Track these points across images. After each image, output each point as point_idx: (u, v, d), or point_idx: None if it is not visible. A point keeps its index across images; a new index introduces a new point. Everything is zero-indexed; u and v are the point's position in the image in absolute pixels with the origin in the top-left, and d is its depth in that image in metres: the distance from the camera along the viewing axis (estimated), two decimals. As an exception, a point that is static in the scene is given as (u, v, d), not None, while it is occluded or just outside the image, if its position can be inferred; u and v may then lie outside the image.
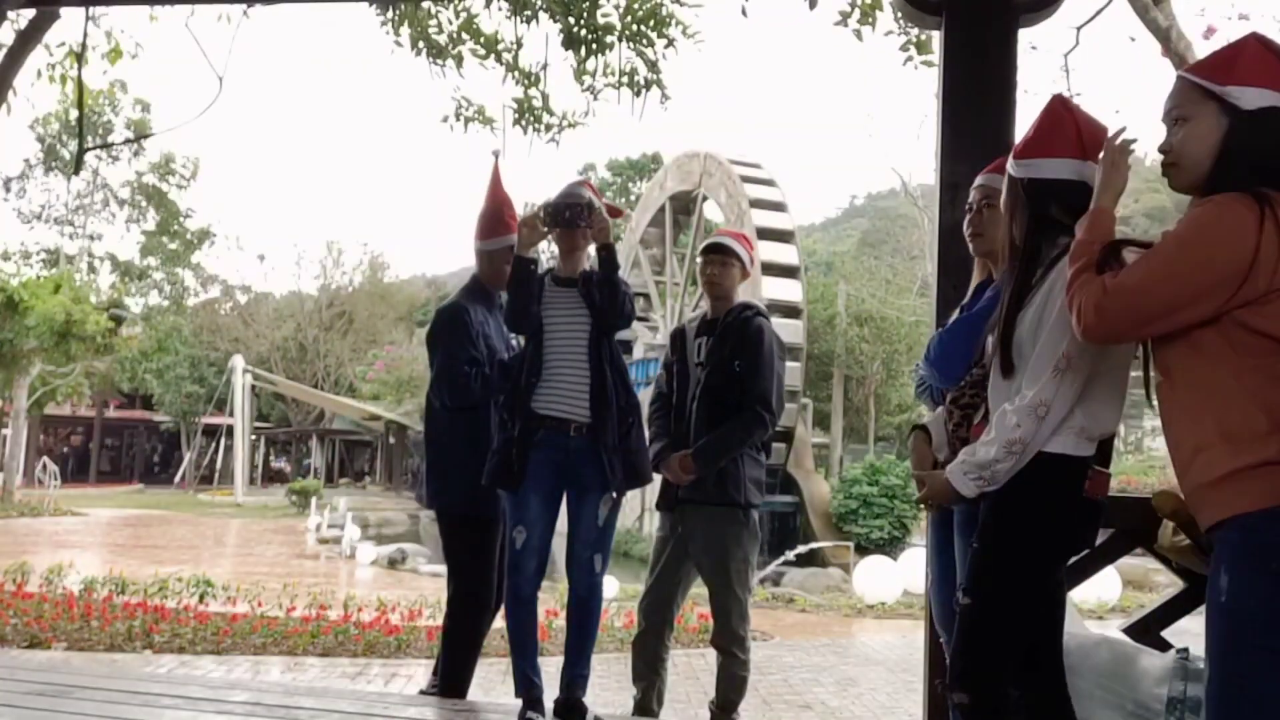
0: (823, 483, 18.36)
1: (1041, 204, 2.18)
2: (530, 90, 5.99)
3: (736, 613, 3.51)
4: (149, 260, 35.24)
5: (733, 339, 3.56)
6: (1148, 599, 9.37)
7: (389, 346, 37.22)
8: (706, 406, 3.52)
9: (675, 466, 3.51)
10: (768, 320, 3.66)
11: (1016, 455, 2.07)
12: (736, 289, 3.69)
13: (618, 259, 3.22)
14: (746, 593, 3.56)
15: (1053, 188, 2.18)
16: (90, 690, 3.59)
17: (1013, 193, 2.24)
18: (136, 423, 45.34)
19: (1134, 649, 2.72)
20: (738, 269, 3.66)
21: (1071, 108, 2.27)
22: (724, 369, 3.53)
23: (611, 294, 3.16)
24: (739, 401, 3.51)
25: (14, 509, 22.72)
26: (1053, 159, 2.18)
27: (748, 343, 3.53)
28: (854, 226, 59.56)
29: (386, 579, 13.54)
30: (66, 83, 6.87)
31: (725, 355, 3.54)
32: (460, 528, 3.56)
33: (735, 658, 3.53)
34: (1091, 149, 2.18)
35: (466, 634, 3.56)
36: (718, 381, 3.52)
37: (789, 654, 8.11)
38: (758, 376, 3.51)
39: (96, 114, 28.47)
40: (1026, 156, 2.22)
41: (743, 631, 3.54)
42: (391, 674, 6.72)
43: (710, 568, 3.55)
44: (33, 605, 8.21)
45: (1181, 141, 1.88)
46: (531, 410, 3.18)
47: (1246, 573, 1.71)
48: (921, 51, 5.40)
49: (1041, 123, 2.25)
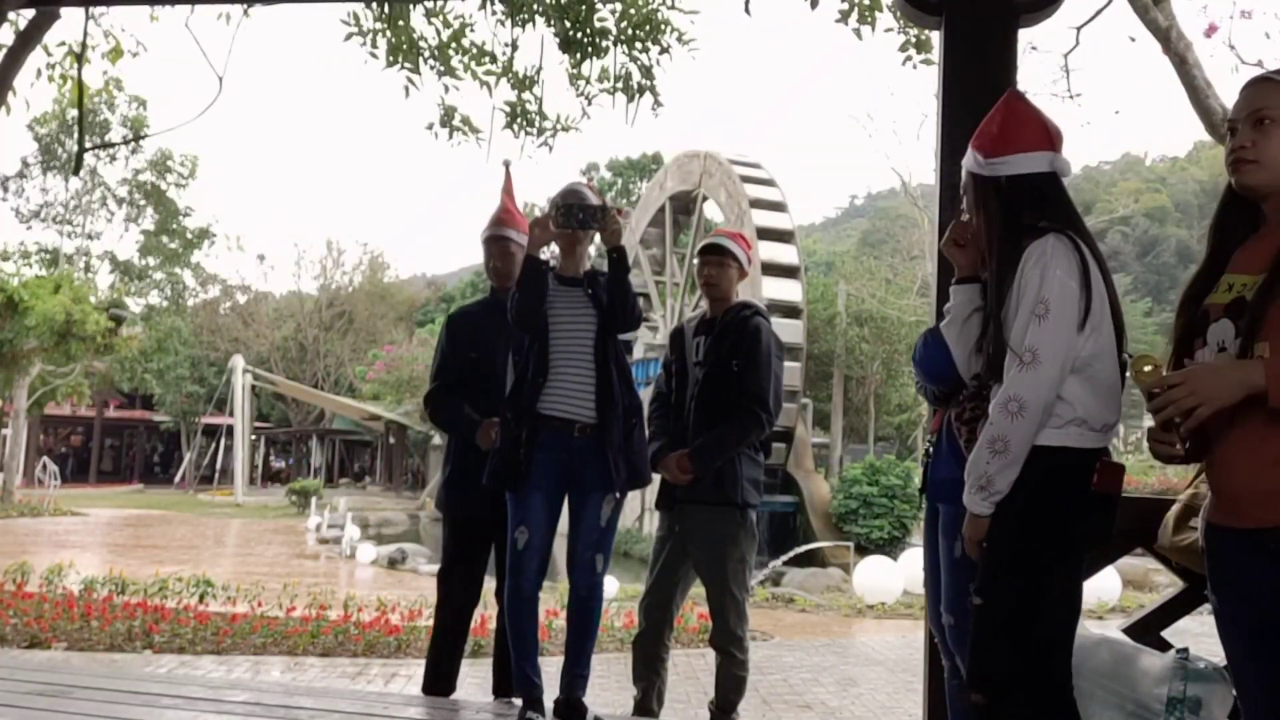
0: (823, 483, 18.36)
1: (1016, 204, 2.17)
2: (524, 94, 5.98)
3: (734, 612, 3.51)
4: (148, 260, 35.21)
5: (730, 338, 3.56)
6: (1148, 599, 9.38)
7: (389, 346, 37.20)
8: (704, 406, 3.52)
9: (673, 466, 3.51)
10: (766, 320, 3.66)
11: (1002, 454, 2.06)
12: (734, 289, 3.69)
13: (626, 261, 3.22)
14: (744, 592, 3.56)
15: (1029, 182, 2.18)
16: (90, 690, 3.59)
17: (982, 192, 2.23)
18: (136, 423, 45.35)
19: (1134, 649, 2.72)
20: (735, 269, 3.66)
21: (1029, 101, 2.28)
22: (721, 368, 3.53)
23: (623, 296, 3.17)
24: (736, 401, 3.50)
25: (14, 509, 22.74)
26: (1026, 153, 2.18)
27: (745, 342, 3.53)
28: (854, 226, 59.62)
29: (386, 579, 13.54)
30: (67, 82, 6.86)
31: (723, 354, 3.54)
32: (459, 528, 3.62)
33: (734, 658, 3.52)
34: (1058, 140, 2.19)
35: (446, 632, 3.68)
36: (715, 381, 3.52)
37: (789, 654, 8.11)
38: (755, 376, 3.51)
39: (94, 113, 28.45)
40: (997, 154, 2.20)
41: (740, 631, 3.53)
42: (391, 674, 6.72)
43: (707, 567, 3.55)
44: (33, 605, 8.21)
45: (1269, 141, 1.89)
46: (536, 410, 3.17)
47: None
48: (921, 50, 5.40)
49: (1005, 117, 2.24)
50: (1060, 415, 2.08)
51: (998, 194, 2.20)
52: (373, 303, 41.88)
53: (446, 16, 5.85)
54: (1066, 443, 2.08)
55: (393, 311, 42.41)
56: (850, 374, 26.24)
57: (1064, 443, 2.08)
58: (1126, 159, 60.86)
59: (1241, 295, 1.87)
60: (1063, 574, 2.16)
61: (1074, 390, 2.08)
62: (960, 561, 2.36)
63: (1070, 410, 2.08)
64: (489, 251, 3.73)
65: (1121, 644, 2.77)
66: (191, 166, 34.16)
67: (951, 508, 2.45)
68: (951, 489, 2.44)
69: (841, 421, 26.14)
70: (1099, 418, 2.11)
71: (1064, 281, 2.06)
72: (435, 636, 3.76)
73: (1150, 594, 10.99)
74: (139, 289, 34.65)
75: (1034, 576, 2.10)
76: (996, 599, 2.11)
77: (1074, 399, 2.08)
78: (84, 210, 34.23)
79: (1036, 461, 2.09)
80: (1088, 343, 2.08)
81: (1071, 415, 2.08)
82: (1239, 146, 1.91)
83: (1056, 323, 2.04)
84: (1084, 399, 2.09)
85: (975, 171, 2.25)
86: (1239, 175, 1.92)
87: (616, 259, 3.18)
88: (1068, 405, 2.08)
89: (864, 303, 25.93)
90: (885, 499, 16.42)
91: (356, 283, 42.74)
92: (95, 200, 34.45)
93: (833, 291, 26.99)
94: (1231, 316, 1.87)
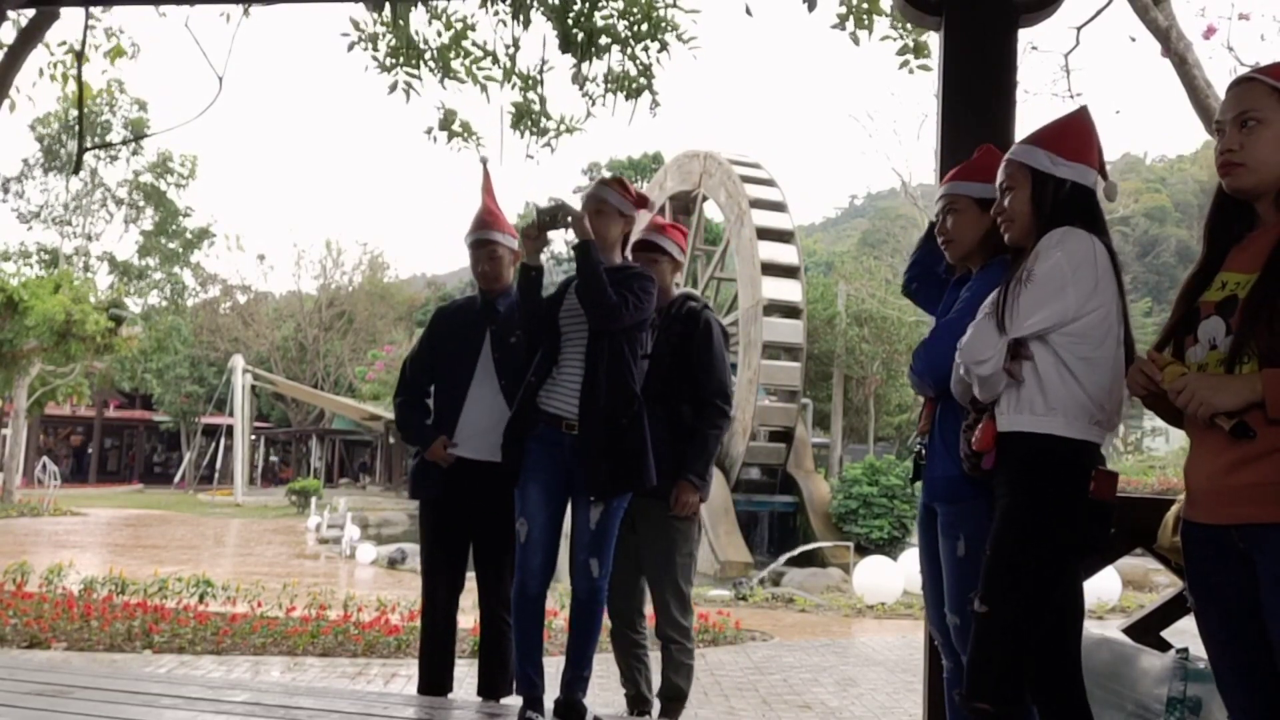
0: (823, 483, 18.34)
1: (1069, 210, 2.23)
2: (529, 94, 5.97)
3: (679, 605, 3.59)
4: (148, 260, 35.20)
5: (677, 330, 3.62)
6: (1148, 599, 9.38)
7: (389, 346, 37.19)
8: (655, 398, 3.50)
9: (682, 498, 3.54)
10: (710, 309, 3.76)
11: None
12: (671, 281, 3.76)
13: (591, 256, 3.15)
14: (689, 586, 3.65)
15: (1084, 195, 2.26)
16: (90, 690, 3.59)
17: (1042, 190, 2.26)
18: (136, 423, 45.36)
19: (1134, 649, 2.73)
20: (666, 262, 3.72)
21: (1093, 119, 2.35)
22: (670, 360, 3.57)
23: (585, 292, 3.15)
24: (692, 394, 3.59)
25: (14, 509, 22.72)
26: (1088, 168, 2.27)
27: (698, 337, 3.62)
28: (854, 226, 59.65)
29: (386, 579, 13.54)
30: (67, 82, 6.87)
31: (672, 346, 3.59)
32: None
33: (682, 647, 3.60)
34: (1104, 167, 2.30)
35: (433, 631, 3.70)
36: (664, 372, 3.54)
37: (789, 654, 8.12)
38: (712, 371, 3.62)
39: (95, 113, 28.45)
40: (1069, 159, 2.26)
41: (687, 622, 3.63)
42: (391, 674, 6.72)
43: (656, 561, 3.60)
44: (33, 605, 8.21)
45: (1256, 143, 1.89)
46: (535, 405, 3.23)
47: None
48: (919, 55, 5.38)
49: (1079, 129, 2.31)
50: (1042, 401, 2.14)
51: (1055, 195, 2.25)
52: (372, 303, 41.86)
53: (449, 18, 5.84)
54: (1069, 434, 2.12)
55: (393, 311, 42.39)
56: (850, 374, 26.25)
57: (1065, 433, 2.12)
58: (1126, 159, 60.84)
59: (1234, 293, 1.89)
60: (1065, 580, 2.18)
61: (1067, 378, 2.13)
62: (964, 560, 2.36)
63: (1048, 397, 2.13)
64: (475, 255, 3.74)
65: (1121, 644, 2.77)
66: (191, 167, 34.17)
67: (950, 507, 2.46)
68: (949, 488, 2.44)
69: (841, 421, 26.14)
70: (1098, 406, 2.14)
71: (1060, 264, 2.12)
72: (423, 637, 3.77)
73: (1150, 594, 11.00)
74: (139, 289, 34.64)
75: (1038, 584, 2.11)
76: (1001, 607, 2.11)
77: (1067, 386, 2.13)
78: (84, 211, 34.22)
79: (1036, 452, 2.12)
80: (1089, 331, 2.13)
81: (1051, 403, 2.13)
82: (1226, 149, 1.92)
83: (1032, 292, 2.12)
84: (1077, 389, 2.13)
85: (1040, 169, 2.27)
86: (1228, 178, 1.94)
87: (577, 254, 3.17)
88: (1047, 391, 2.13)
89: (864, 303, 25.93)
90: (885, 499, 16.41)
91: (356, 283, 42.71)
92: (95, 201, 34.45)
93: (833, 291, 26.99)
94: (1223, 314, 1.89)
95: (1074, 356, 2.14)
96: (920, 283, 2.88)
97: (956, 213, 2.59)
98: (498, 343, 3.62)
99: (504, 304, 3.67)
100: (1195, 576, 1.98)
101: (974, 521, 2.32)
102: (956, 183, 2.61)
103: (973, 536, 2.32)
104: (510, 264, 3.74)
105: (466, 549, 3.68)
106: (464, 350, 3.65)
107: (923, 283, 2.87)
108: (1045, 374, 2.15)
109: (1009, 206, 2.31)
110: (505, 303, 3.66)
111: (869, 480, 16.69)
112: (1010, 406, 2.20)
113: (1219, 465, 1.87)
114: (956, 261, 2.65)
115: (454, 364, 3.67)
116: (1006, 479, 2.19)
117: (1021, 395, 2.18)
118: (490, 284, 3.72)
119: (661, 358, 3.54)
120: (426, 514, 3.73)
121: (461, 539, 3.67)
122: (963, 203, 2.58)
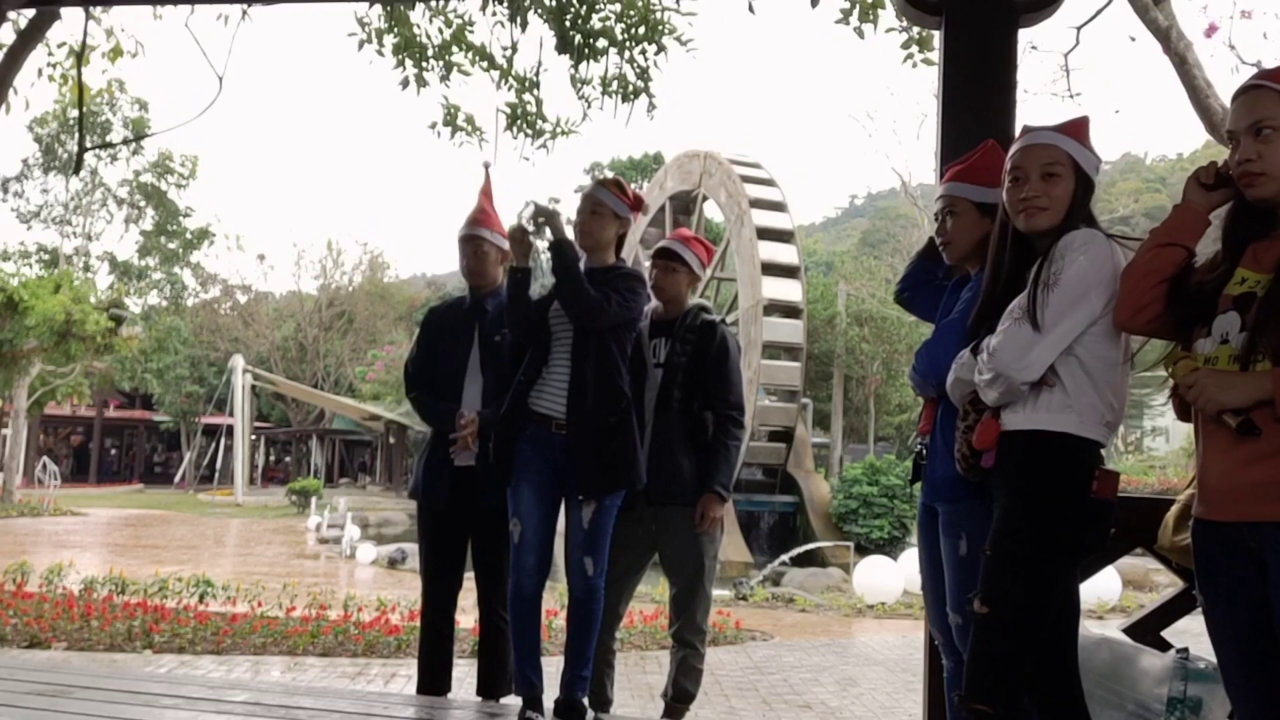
0: (823, 483, 18.35)
1: (1086, 199, 2.25)
2: (525, 95, 5.97)
3: (703, 608, 3.59)
4: (148, 260, 35.20)
5: (692, 342, 3.61)
6: (1148, 599, 9.37)
7: (389, 347, 37.16)
8: (665, 407, 3.54)
9: (707, 513, 3.53)
10: (724, 323, 3.76)
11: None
12: (685, 292, 3.74)
13: (566, 254, 3.17)
14: (712, 588, 3.65)
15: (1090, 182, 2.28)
16: (90, 690, 3.59)
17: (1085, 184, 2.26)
18: (136, 423, 45.34)
19: (1134, 649, 2.73)
20: (684, 274, 3.69)
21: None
22: (683, 371, 3.57)
23: (561, 293, 3.16)
24: (705, 405, 3.58)
25: (14, 509, 22.71)
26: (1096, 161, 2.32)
27: (714, 352, 3.61)
28: (854, 226, 59.63)
29: (386, 579, 13.54)
30: (67, 82, 6.87)
31: (686, 358, 3.59)
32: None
33: (696, 651, 3.60)
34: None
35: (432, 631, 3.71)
36: (678, 384, 3.55)
37: (789, 654, 8.12)
38: (729, 385, 3.62)
39: (95, 113, 28.44)
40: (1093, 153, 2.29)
41: (705, 626, 3.64)
42: (391, 674, 6.73)
43: (682, 565, 3.58)
44: (33, 605, 8.21)
45: (1274, 152, 1.88)
46: (525, 405, 3.23)
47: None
48: (924, 48, 5.38)
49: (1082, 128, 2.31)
50: (1061, 400, 2.12)
51: (1086, 193, 2.25)
52: (372, 303, 41.82)
53: (448, 15, 5.85)
54: (1070, 429, 2.12)
55: (393, 311, 42.36)
56: (850, 374, 26.24)
57: (1067, 429, 2.12)
58: (1127, 159, 60.80)
59: (1253, 290, 1.89)
60: (1065, 580, 2.18)
61: (1086, 378, 2.13)
62: (966, 560, 2.36)
63: (1069, 396, 2.12)
64: (462, 251, 3.76)
65: (1121, 644, 2.77)
66: (191, 167, 34.17)
67: (951, 506, 2.45)
68: (950, 488, 2.44)
69: (841, 421, 26.13)
70: (1102, 410, 2.14)
71: (1085, 268, 2.11)
72: (423, 637, 3.78)
73: (1150, 594, 10.99)
74: (139, 289, 34.64)
75: (1038, 584, 2.11)
76: (1001, 607, 2.11)
77: (1086, 385, 2.13)
78: (84, 211, 34.22)
79: (1040, 448, 2.12)
80: (1108, 331, 2.13)
81: (1064, 400, 2.13)
82: (1245, 160, 1.92)
83: (1062, 295, 2.10)
84: (1092, 389, 2.13)
85: (1082, 165, 2.24)
86: (1250, 190, 1.94)
87: (553, 253, 3.18)
88: (1068, 390, 2.12)
89: (864, 303, 25.93)
90: (885, 499, 16.42)
91: (356, 283, 42.67)
92: (95, 201, 34.45)
93: (833, 291, 26.98)
94: (1240, 310, 1.89)
95: (1092, 356, 2.14)
96: (913, 290, 2.86)
97: (955, 215, 2.57)
98: (484, 341, 3.64)
99: (492, 303, 3.67)
100: (1204, 574, 1.98)
101: (976, 521, 2.32)
102: (956, 184, 2.59)
103: (974, 536, 2.31)
104: (497, 262, 3.73)
105: (465, 549, 3.69)
106: (455, 349, 3.67)
107: (916, 290, 2.86)
108: (1066, 374, 2.15)
109: (1054, 193, 2.21)
110: (494, 302, 3.67)
111: (869, 480, 16.69)
112: (1028, 405, 2.18)
113: (1230, 463, 1.87)
114: (954, 263, 2.64)
115: (446, 363, 3.68)
116: (1007, 478, 2.19)
117: (1040, 394, 2.16)
118: (476, 280, 3.73)
119: (677, 369, 3.56)
120: (425, 515, 3.74)
121: (460, 539, 3.67)
122: (962, 205, 2.56)
